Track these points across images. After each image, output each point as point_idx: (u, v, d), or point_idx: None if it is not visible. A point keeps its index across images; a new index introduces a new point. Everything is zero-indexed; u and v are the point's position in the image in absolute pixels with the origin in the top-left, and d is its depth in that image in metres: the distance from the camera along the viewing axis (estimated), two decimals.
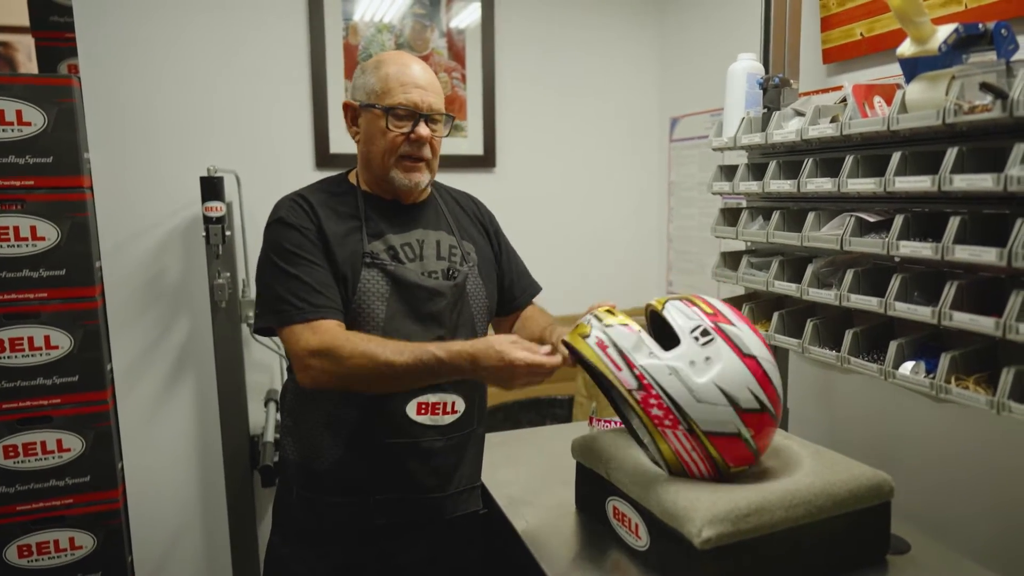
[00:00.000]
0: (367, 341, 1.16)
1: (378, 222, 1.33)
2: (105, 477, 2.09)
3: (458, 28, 2.53)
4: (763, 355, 1.11)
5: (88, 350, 2.04)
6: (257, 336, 2.31)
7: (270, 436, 2.15)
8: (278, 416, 2.32)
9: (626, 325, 1.12)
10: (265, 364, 2.43)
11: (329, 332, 1.18)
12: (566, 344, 1.18)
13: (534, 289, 1.58)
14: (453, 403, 1.31)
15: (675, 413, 1.07)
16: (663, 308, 1.15)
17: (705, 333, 1.10)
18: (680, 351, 1.09)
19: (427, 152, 1.31)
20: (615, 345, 1.10)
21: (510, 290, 1.53)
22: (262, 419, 2.39)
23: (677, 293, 1.24)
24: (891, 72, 1.73)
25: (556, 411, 2.55)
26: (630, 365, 1.08)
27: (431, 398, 1.28)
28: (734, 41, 2.39)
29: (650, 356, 1.09)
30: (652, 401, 1.07)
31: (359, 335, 1.19)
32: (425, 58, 2.46)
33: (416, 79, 1.28)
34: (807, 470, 1.17)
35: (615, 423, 1.65)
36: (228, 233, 2.10)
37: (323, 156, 2.42)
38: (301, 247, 1.24)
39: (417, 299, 1.29)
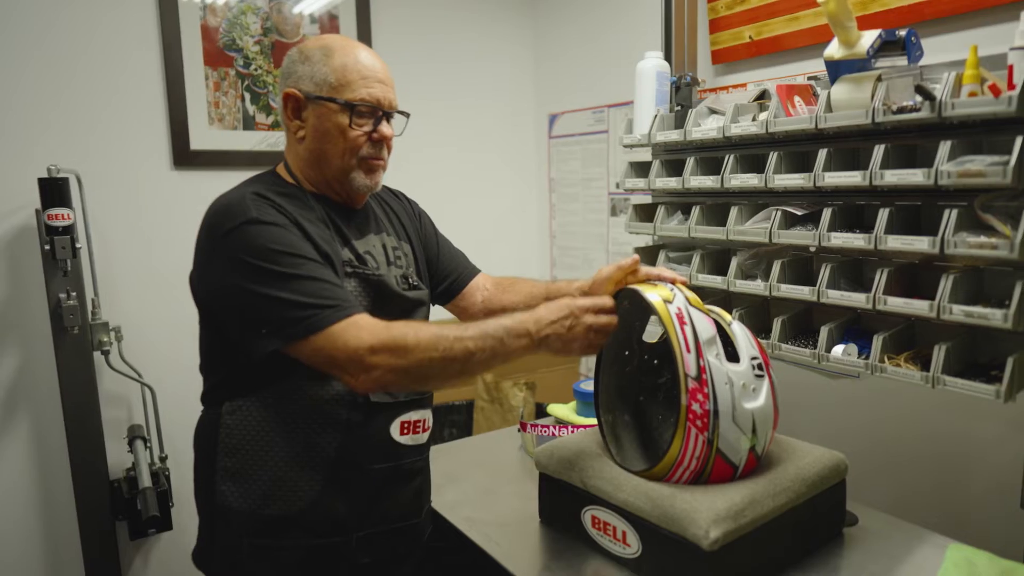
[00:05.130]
0: (426, 326, 1.03)
1: (340, 226, 1.18)
2: None
3: (331, 15, 2.34)
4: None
5: None
6: (113, 366, 1.98)
7: (147, 480, 1.84)
8: (161, 455, 2.02)
9: (708, 316, 1.12)
10: (121, 396, 2.09)
11: (379, 324, 1.02)
12: (634, 291, 1.15)
13: (472, 266, 1.50)
14: (426, 420, 1.24)
15: (711, 419, 1.06)
16: (731, 323, 1.16)
17: (760, 367, 1.12)
18: (740, 369, 1.10)
19: (385, 152, 1.19)
20: (694, 327, 1.08)
21: (447, 271, 1.44)
22: (121, 461, 2.06)
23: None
24: (778, 73, 1.86)
25: (454, 417, 2.47)
26: (699, 354, 1.07)
27: (413, 416, 1.19)
28: (607, 40, 2.45)
29: (717, 357, 1.08)
30: (700, 397, 1.06)
31: (411, 322, 1.06)
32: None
33: (377, 72, 1.14)
34: (776, 458, 1.21)
35: (554, 428, 1.60)
36: (79, 246, 1.76)
37: (182, 153, 2.12)
38: (292, 245, 1.04)
39: (401, 311, 1.18)
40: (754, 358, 1.14)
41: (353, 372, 1.00)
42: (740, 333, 1.17)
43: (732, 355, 1.13)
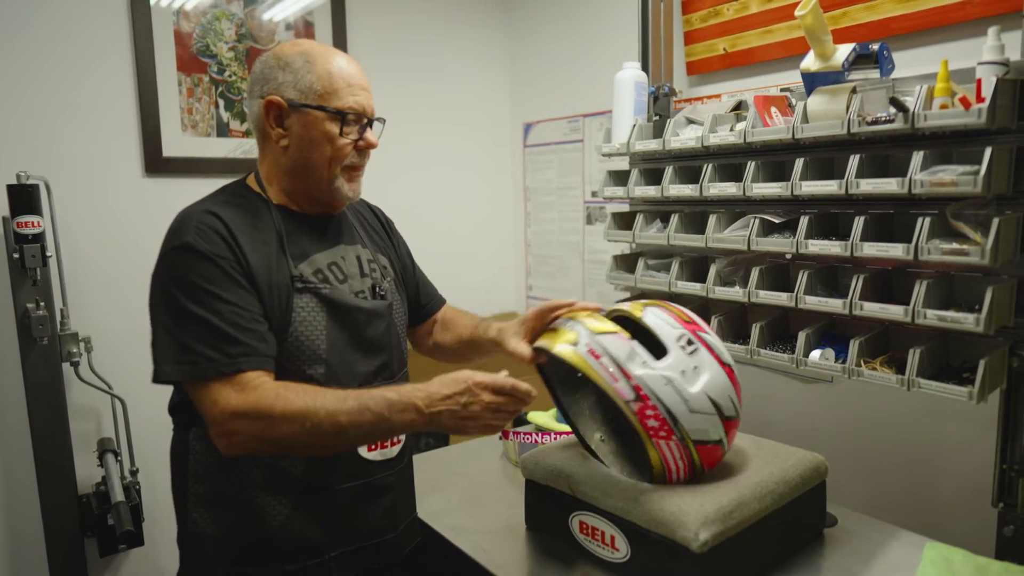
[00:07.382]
0: (302, 394, 0.98)
1: (299, 241, 1.15)
2: None
3: (306, 22, 2.32)
4: (732, 363, 1.14)
5: None
6: (82, 377, 1.92)
7: (119, 494, 1.79)
8: (132, 469, 1.97)
9: (616, 333, 1.08)
10: (91, 409, 2.03)
11: (256, 388, 0.98)
12: (541, 349, 1.14)
13: (439, 296, 1.48)
14: None
15: (670, 424, 1.05)
16: (642, 314, 1.13)
17: (690, 342, 1.09)
18: (671, 361, 1.07)
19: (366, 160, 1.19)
20: (609, 355, 1.05)
21: (416, 297, 1.42)
22: (90, 475, 2.00)
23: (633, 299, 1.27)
24: (752, 84, 1.90)
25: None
26: (626, 376, 1.05)
27: None
28: (582, 50, 2.47)
29: (644, 366, 1.06)
30: (649, 412, 1.05)
31: (292, 386, 1.00)
32: None
33: (360, 79, 1.14)
34: (759, 461, 1.23)
35: (536, 436, 1.61)
36: (49, 255, 1.71)
37: (154, 160, 2.08)
38: (213, 280, 1.02)
39: (357, 323, 1.15)
40: (680, 337, 1.09)
41: (215, 433, 0.99)
42: (655, 320, 1.12)
43: (659, 347, 1.09)
